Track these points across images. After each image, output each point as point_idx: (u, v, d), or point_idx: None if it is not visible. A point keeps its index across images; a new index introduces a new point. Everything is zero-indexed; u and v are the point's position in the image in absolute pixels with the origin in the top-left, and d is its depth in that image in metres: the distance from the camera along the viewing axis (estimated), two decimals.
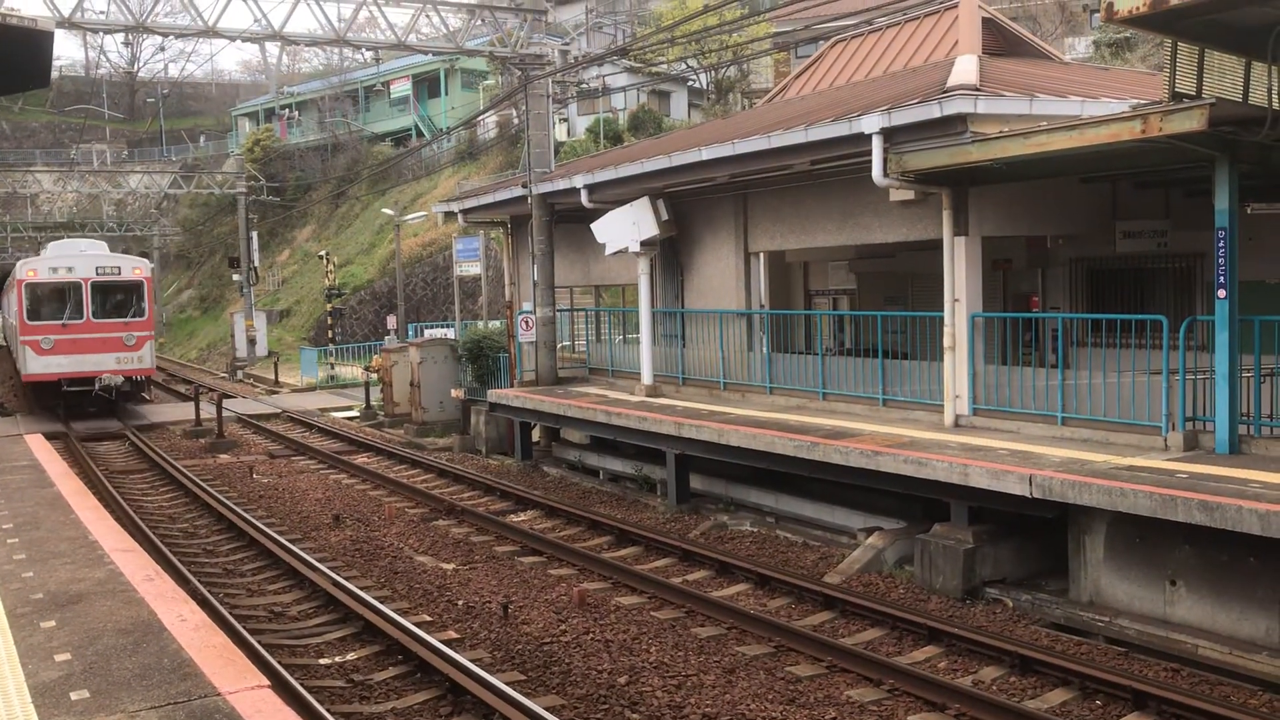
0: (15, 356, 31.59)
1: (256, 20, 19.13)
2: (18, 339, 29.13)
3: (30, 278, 27.12)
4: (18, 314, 27.86)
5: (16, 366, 31.05)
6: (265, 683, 6.25)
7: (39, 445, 18.35)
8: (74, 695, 6.08)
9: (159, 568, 9.38)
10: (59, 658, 6.71)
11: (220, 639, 7.08)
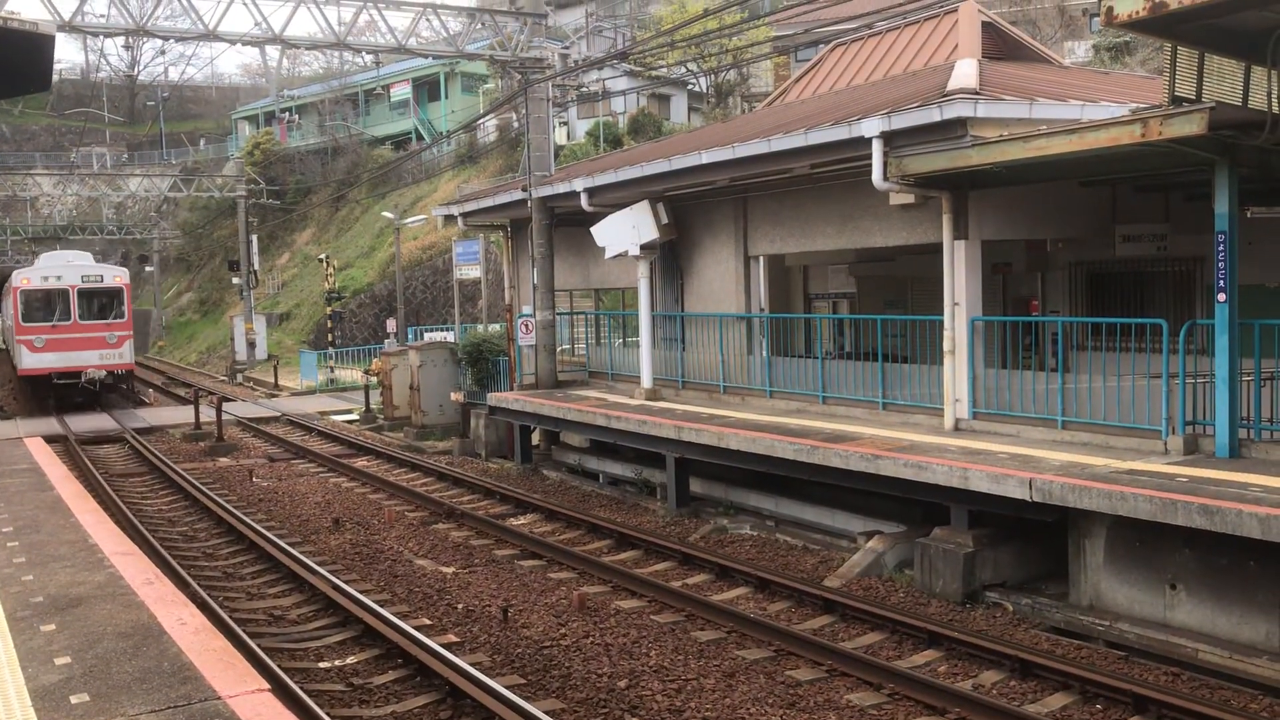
0: (12, 354, 35.29)
1: (257, 24, 19.13)
2: (14, 339, 32.91)
3: (24, 285, 31.38)
4: (14, 317, 31.84)
5: (13, 363, 34.61)
6: (265, 686, 6.26)
7: (39, 448, 18.36)
8: (74, 699, 6.08)
9: (159, 571, 9.39)
10: (59, 661, 6.71)
11: (220, 642, 7.09)
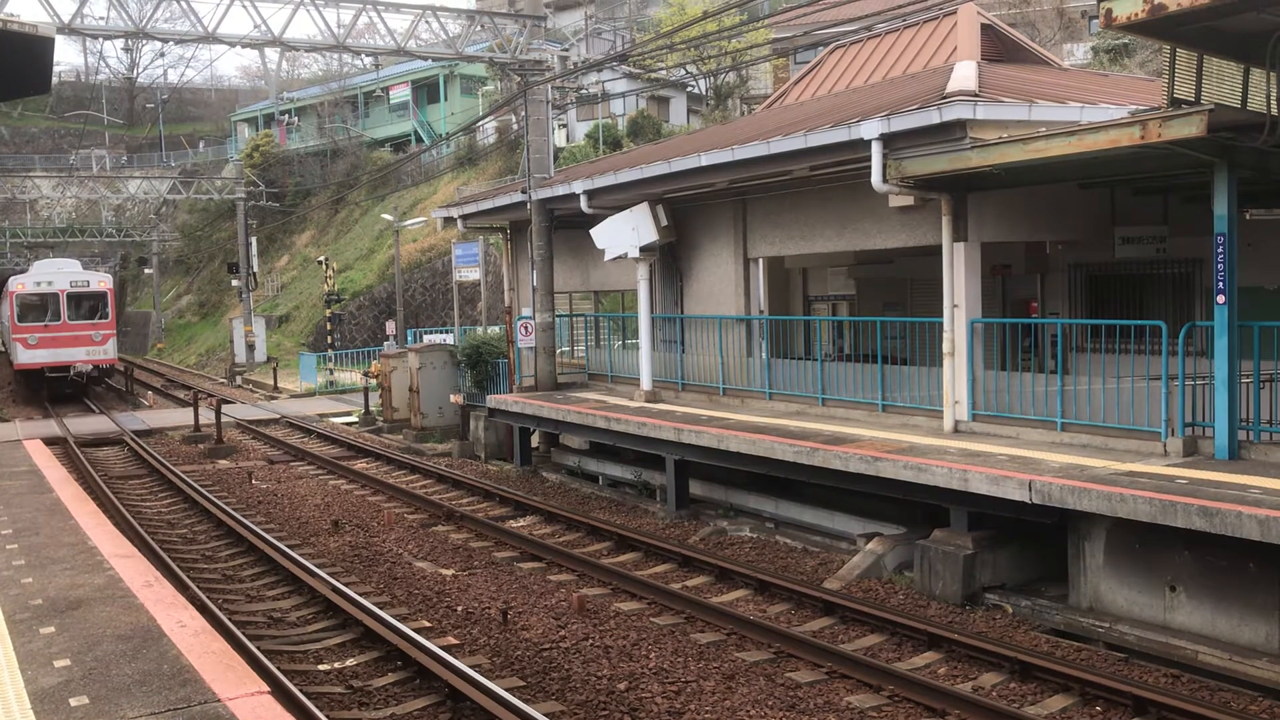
0: (9, 350, 39.69)
1: (256, 26, 19.13)
2: (10, 337, 37.57)
3: (19, 290, 36.23)
4: (10, 318, 36.48)
5: (10, 359, 39.05)
6: (265, 689, 6.26)
7: (38, 451, 18.36)
8: (73, 701, 6.08)
9: (158, 573, 9.39)
10: (58, 664, 6.71)
11: (219, 645, 7.09)
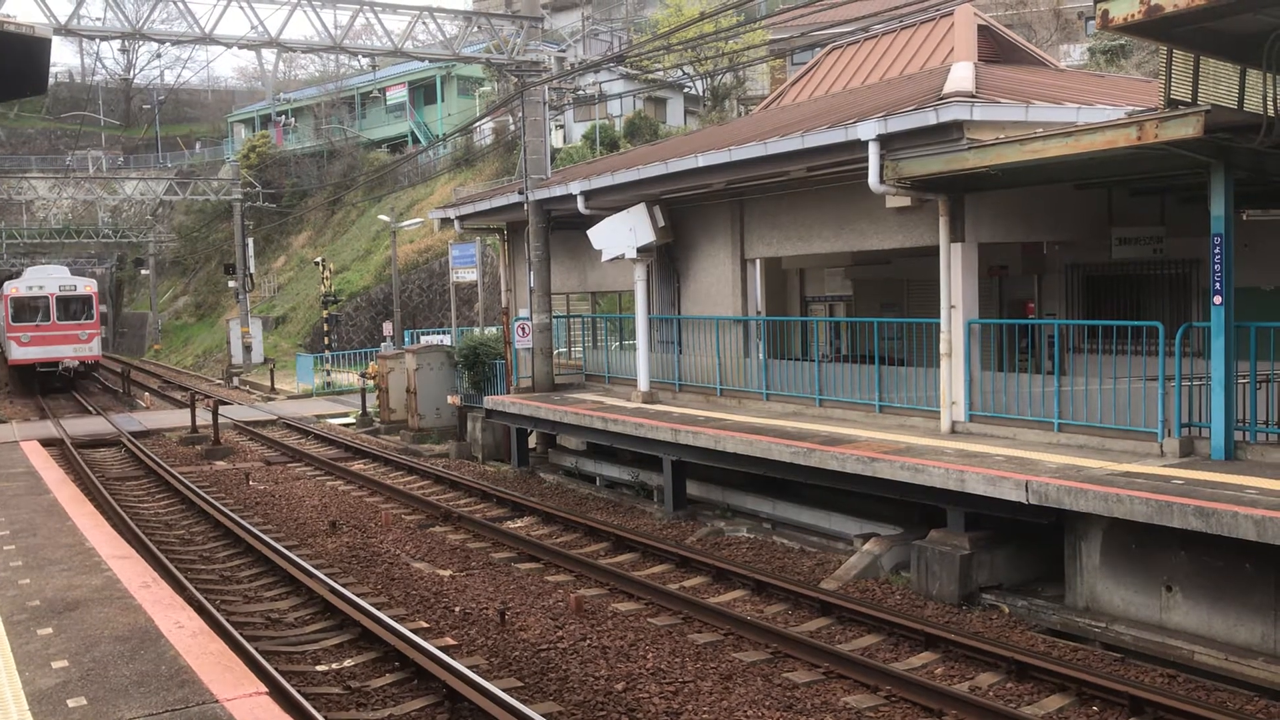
0: (4, 348, 43.58)
1: (253, 27, 19.14)
2: (6, 336, 41.50)
3: (13, 293, 40.42)
4: (5, 318, 40.46)
5: (4, 355, 43.05)
6: (263, 690, 6.26)
7: (35, 452, 18.34)
8: (71, 702, 6.08)
9: (156, 574, 9.38)
10: (56, 665, 6.70)
11: (217, 646, 7.08)
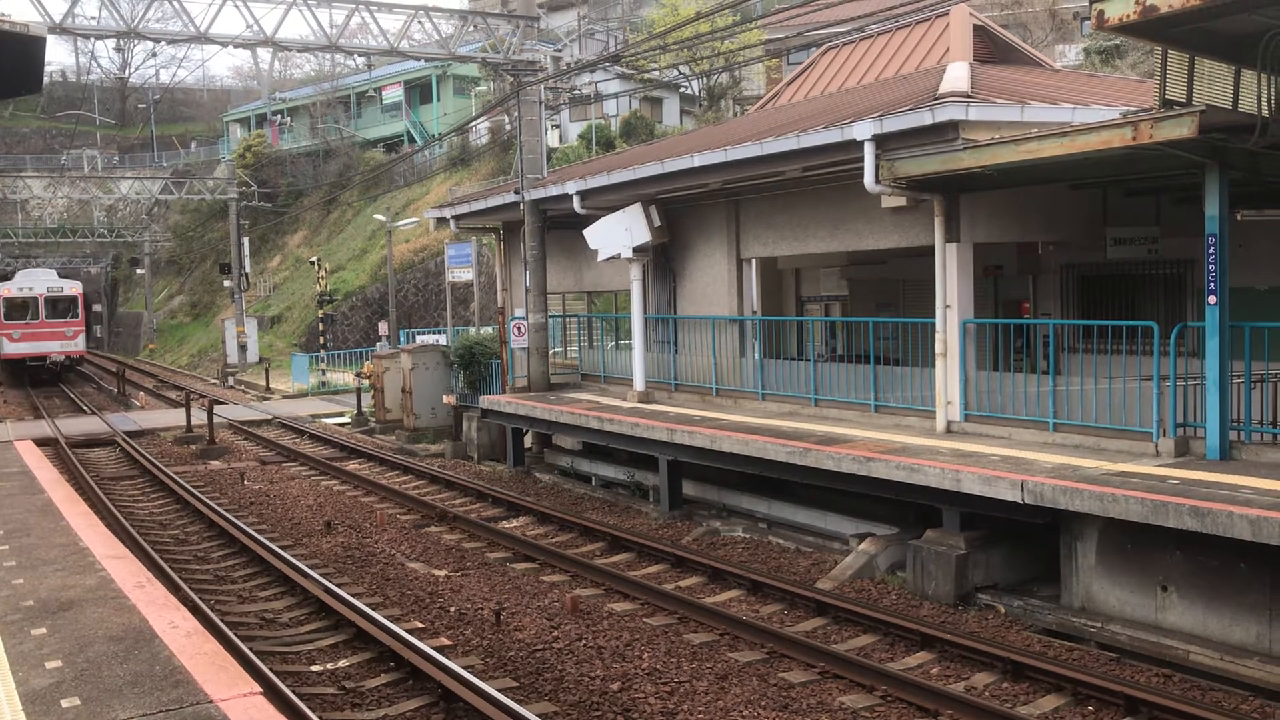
0: None
1: (249, 26, 19.10)
2: None
3: (5, 294, 44.71)
4: None
5: None
6: (257, 690, 6.25)
7: (29, 451, 18.30)
8: (65, 703, 6.06)
9: (150, 574, 9.36)
10: (50, 665, 6.69)
11: (212, 646, 7.07)
